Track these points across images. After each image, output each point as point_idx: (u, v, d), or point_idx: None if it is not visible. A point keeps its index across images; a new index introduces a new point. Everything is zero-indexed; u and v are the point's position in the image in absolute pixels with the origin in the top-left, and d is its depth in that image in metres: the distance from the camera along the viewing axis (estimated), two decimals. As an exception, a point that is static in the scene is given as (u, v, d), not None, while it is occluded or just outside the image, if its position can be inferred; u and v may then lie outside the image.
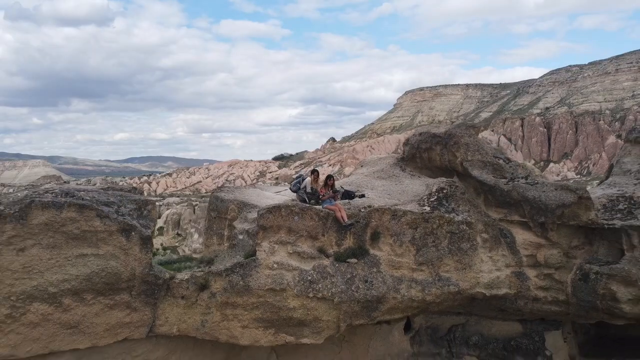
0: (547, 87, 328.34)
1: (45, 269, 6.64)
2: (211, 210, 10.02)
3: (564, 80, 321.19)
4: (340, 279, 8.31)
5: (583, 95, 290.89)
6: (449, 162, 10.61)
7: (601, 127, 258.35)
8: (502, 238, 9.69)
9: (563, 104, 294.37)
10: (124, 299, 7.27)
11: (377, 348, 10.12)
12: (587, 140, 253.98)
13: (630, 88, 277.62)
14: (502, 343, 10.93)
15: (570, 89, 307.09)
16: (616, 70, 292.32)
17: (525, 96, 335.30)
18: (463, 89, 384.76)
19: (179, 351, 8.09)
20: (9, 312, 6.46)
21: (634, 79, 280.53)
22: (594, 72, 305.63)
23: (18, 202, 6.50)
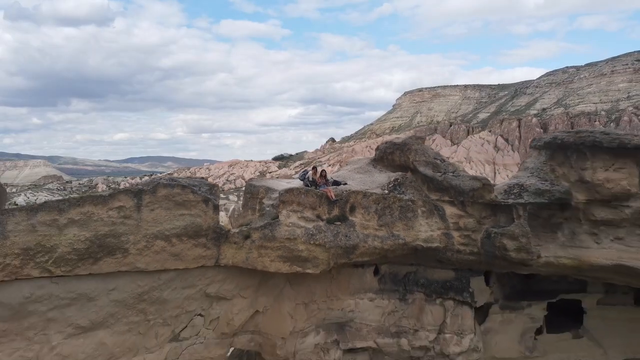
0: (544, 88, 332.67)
1: (163, 221, 11.96)
2: (247, 193, 15.38)
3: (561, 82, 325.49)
4: (330, 234, 13.65)
5: (579, 97, 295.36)
6: (405, 162, 15.96)
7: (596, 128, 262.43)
8: (436, 211, 15.03)
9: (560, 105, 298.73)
10: (202, 241, 12.62)
11: (355, 284, 15.48)
12: None
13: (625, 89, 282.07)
14: (441, 284, 16.31)
15: (567, 90, 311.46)
16: (612, 72, 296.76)
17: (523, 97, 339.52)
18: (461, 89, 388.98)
19: (232, 276, 13.44)
20: (144, 244, 11.79)
21: (629, 81, 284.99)
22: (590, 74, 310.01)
23: (151, 183, 11.84)
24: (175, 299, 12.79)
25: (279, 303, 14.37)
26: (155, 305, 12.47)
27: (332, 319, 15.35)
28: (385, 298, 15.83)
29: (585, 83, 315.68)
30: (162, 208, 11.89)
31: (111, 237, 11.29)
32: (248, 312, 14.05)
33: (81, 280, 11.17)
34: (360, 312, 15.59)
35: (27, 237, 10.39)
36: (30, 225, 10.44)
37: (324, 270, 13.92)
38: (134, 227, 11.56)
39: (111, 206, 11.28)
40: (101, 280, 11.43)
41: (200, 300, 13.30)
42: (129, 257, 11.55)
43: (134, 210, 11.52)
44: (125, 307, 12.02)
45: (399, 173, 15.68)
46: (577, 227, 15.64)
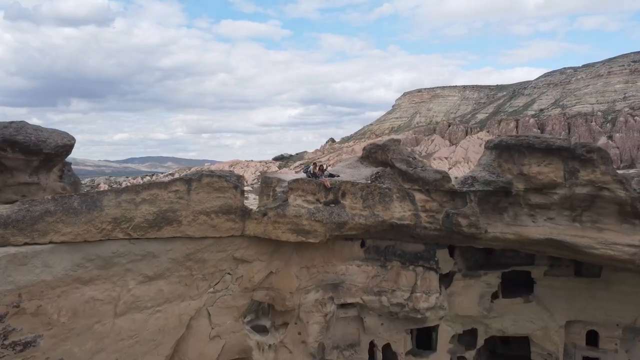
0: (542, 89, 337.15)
1: (205, 201, 16.62)
2: (263, 183, 20.06)
3: (559, 82, 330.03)
4: (326, 213, 18.32)
5: (576, 97, 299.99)
6: (384, 159, 20.64)
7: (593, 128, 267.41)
8: (408, 197, 19.71)
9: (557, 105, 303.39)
10: (232, 217, 17.29)
11: (346, 253, 20.17)
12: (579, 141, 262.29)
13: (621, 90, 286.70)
14: (413, 254, 21.00)
15: (564, 90, 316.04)
16: (608, 73, 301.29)
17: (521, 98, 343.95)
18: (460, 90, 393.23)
19: (253, 244, 18.10)
20: (192, 218, 16.44)
21: (625, 82, 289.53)
22: (587, 75, 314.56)
23: (197, 173, 16.50)
24: (212, 260, 17.47)
25: (288, 266, 19.06)
26: (198, 264, 17.15)
27: (328, 280, 20.05)
28: (370, 265, 20.53)
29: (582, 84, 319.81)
30: (205, 192, 16.57)
31: (170, 212, 15.97)
32: (264, 273, 18.73)
33: (149, 242, 15.83)
34: (350, 276, 20.29)
35: (115, 210, 15.05)
36: (117, 202, 15.10)
37: (322, 241, 18.62)
38: (185, 205, 16.24)
39: (170, 190, 15.97)
40: (162, 243, 16.10)
41: (229, 262, 17.98)
42: (182, 226, 16.23)
43: (185, 193, 16.20)
44: (177, 264, 16.69)
45: (380, 168, 20.38)
46: (519, 210, 20.33)
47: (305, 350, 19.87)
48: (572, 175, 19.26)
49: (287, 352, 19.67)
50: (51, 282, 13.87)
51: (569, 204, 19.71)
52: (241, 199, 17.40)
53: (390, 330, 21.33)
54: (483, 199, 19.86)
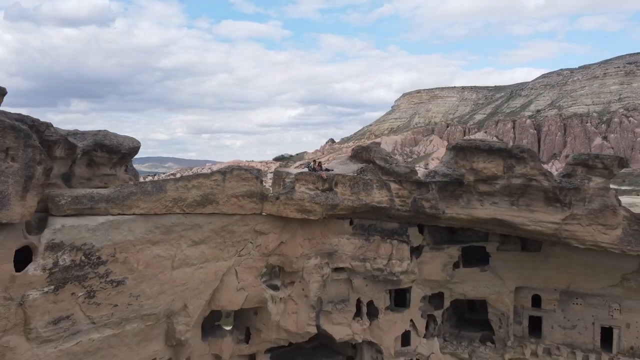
0: (539, 90, 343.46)
1: (236, 188, 23.13)
2: (275, 175, 26.62)
3: (555, 84, 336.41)
4: (323, 197, 24.88)
5: (572, 98, 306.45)
6: (368, 158, 27.19)
7: (588, 129, 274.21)
8: (385, 186, 26.25)
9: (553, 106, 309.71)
10: (254, 199, 23.86)
11: (338, 229, 26.74)
12: (574, 141, 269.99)
13: (617, 91, 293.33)
14: (390, 230, 27.58)
15: (561, 92, 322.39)
16: (604, 74, 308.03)
17: (518, 99, 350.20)
18: (459, 91, 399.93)
19: (269, 220, 24.65)
20: (226, 199, 22.98)
21: (620, 83, 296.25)
22: (584, 76, 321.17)
23: (229, 167, 23.04)
24: (239, 231, 24.01)
25: (294, 237, 25.61)
26: (229, 234, 23.68)
27: (324, 249, 26.60)
28: (357, 238, 27.09)
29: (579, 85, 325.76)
30: (235, 181, 23.13)
31: (211, 195, 22.51)
32: (277, 242, 25.28)
33: (196, 217, 22.35)
34: (341, 246, 26.84)
35: (174, 193, 21.58)
36: (175, 187, 21.63)
37: (320, 218, 25.17)
38: (221, 190, 22.78)
39: (211, 179, 22.52)
40: (205, 217, 22.62)
41: (251, 233, 24.52)
42: (219, 206, 22.76)
43: (221, 181, 22.74)
44: (215, 233, 23.23)
45: (364, 164, 26.95)
46: (470, 196, 26.86)
47: (307, 303, 26.44)
48: (509, 169, 25.82)
49: (293, 304, 26.24)
50: (133, 241, 20.44)
51: (508, 191, 26.25)
52: (260, 186, 23.99)
53: (373, 290, 27.90)
54: (442, 188, 26.40)
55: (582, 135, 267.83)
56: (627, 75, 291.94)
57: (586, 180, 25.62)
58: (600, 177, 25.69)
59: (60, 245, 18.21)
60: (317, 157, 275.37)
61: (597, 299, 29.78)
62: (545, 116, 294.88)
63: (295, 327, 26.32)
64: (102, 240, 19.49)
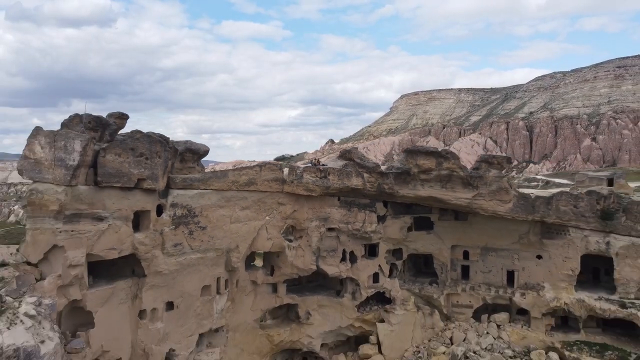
0: (532, 93, 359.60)
1: (267, 176, 38.92)
2: (290, 168, 42.44)
3: (548, 86, 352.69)
4: (320, 182, 40.74)
5: (564, 101, 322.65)
6: (350, 157, 43.00)
7: (578, 130, 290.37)
8: (360, 175, 42.04)
9: (546, 108, 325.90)
10: (278, 183, 39.70)
11: (330, 203, 42.60)
12: (564, 142, 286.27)
13: (606, 94, 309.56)
14: (364, 204, 43.45)
15: (553, 94, 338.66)
16: (594, 78, 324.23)
17: (513, 101, 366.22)
18: (456, 93, 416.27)
19: (287, 196, 40.45)
20: (261, 182, 38.83)
21: (610, 86, 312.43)
22: (575, 79, 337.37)
23: (263, 164, 38.74)
24: (268, 202, 39.79)
25: (302, 207, 41.42)
26: (262, 204, 39.46)
27: (321, 216, 42.38)
28: (342, 209, 42.88)
29: (570, 88, 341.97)
30: (267, 171, 38.96)
31: (252, 179, 38.30)
32: (291, 210, 41.08)
33: (244, 192, 38.06)
34: (332, 214, 42.62)
35: (232, 177, 37.29)
36: (233, 174, 37.36)
37: (319, 195, 40.99)
38: (259, 176, 38.57)
39: (253, 169, 38.33)
40: (249, 193, 38.37)
41: (276, 204, 40.30)
42: (257, 186, 38.53)
43: (259, 171, 38.60)
44: (254, 203, 38.98)
45: (347, 161, 42.73)
46: (415, 182, 42.61)
47: (310, 250, 42.20)
48: (439, 165, 41.56)
49: (301, 250, 41.98)
50: (210, 205, 36.23)
51: (439, 178, 41.97)
52: (281, 174, 39.76)
53: (353, 243, 43.66)
54: (397, 176, 42.14)
55: (572, 136, 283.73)
56: (617, 78, 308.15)
57: (487, 171, 41.38)
58: (496, 169, 41.45)
59: (176, 205, 34.08)
60: (317, 157, 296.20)
61: (504, 252, 45.56)
62: (538, 118, 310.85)
63: (302, 265, 42.09)
64: (195, 204, 35.32)
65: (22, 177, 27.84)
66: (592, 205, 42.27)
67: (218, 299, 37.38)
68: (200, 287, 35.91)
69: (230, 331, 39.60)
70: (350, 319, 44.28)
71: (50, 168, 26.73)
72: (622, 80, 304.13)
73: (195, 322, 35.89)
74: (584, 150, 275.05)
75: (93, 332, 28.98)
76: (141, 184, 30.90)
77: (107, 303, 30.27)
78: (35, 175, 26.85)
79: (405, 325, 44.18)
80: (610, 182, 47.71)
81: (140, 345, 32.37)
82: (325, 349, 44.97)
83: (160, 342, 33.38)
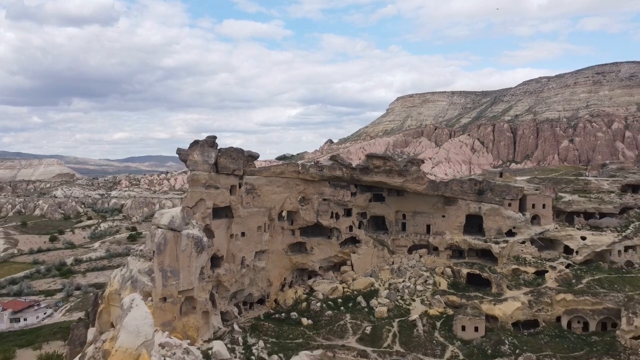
0: (519, 97, 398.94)
1: (291, 168, 76.23)
2: (301, 165, 79.75)
3: (534, 91, 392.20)
4: (319, 172, 78.28)
5: (546, 105, 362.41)
6: (336, 159, 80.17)
7: (557, 133, 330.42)
8: (340, 169, 79.25)
9: (530, 112, 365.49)
10: (296, 172, 77.14)
11: (324, 185, 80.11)
12: (545, 144, 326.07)
13: (585, 99, 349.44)
14: (343, 185, 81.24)
15: (537, 98, 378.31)
16: (575, 83, 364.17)
17: (500, 104, 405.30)
18: (449, 95, 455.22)
19: (301, 181, 77.93)
20: (288, 172, 76.14)
21: (588, 91, 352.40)
22: (557, 84, 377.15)
23: (287, 162, 75.58)
24: (290, 183, 77.04)
25: (308, 187, 78.86)
26: (287, 184, 76.70)
27: (319, 192, 79.87)
28: (331, 188, 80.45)
29: (553, 93, 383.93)
30: (290, 166, 76.31)
31: (282, 171, 75.54)
32: (303, 188, 78.60)
33: (278, 178, 75.16)
34: (325, 191, 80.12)
35: (272, 170, 74.30)
36: (273, 167, 74.35)
37: (318, 180, 78.40)
38: (286, 169, 75.77)
39: (282, 166, 75.43)
40: (280, 178, 75.54)
41: (294, 185, 77.61)
42: (285, 174, 75.81)
43: (286, 167, 75.86)
44: (284, 183, 76.13)
45: (334, 161, 79.92)
46: (373, 174, 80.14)
47: (313, 210, 79.56)
48: (385, 164, 78.97)
49: (308, 211, 79.28)
50: (261, 184, 73.58)
51: (385, 171, 79.37)
52: (298, 168, 77.00)
53: (337, 208, 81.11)
54: (362, 170, 79.43)
55: (551, 138, 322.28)
56: (595, 84, 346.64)
57: (410, 165, 78.56)
58: (416, 166, 78.64)
59: (246, 183, 71.62)
60: (317, 156, 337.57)
61: (425, 214, 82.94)
62: (522, 121, 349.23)
63: (309, 219, 79.36)
64: (255, 183, 72.88)
65: (187, 169, 64.96)
66: (471, 186, 79.61)
67: (264, 234, 74.46)
68: (257, 226, 73.05)
69: (269, 253, 76.75)
70: (335, 252, 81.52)
71: (201, 164, 63.88)
72: (599, 86, 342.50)
73: (254, 244, 72.99)
74: (562, 151, 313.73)
75: (214, 240, 65.97)
76: (233, 172, 68.05)
77: (218, 228, 67.31)
78: (194, 167, 64.02)
79: (367, 255, 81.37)
80: (500, 175, 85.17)
81: (230, 250, 69.44)
82: (322, 269, 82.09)
83: (238, 252, 70.43)
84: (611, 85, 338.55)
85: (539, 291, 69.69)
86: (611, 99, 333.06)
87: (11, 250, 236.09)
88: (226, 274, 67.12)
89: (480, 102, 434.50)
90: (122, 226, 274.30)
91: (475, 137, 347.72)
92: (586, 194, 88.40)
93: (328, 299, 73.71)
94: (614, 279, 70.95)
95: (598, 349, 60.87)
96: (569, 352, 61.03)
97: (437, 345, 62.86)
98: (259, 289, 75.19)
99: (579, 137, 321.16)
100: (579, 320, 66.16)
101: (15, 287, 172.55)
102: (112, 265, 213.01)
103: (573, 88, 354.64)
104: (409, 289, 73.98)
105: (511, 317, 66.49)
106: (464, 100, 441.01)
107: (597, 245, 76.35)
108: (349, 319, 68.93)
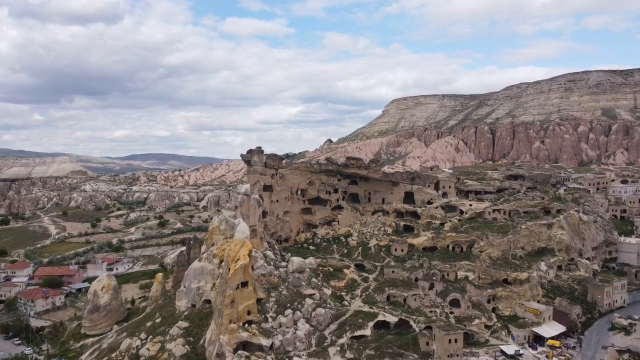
0: (501, 101, 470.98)
1: (303, 165, 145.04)
2: (308, 162, 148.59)
3: (514, 96, 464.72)
4: (318, 167, 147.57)
5: (524, 109, 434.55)
6: (328, 159, 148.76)
7: (530, 135, 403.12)
8: (331, 165, 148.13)
9: (509, 115, 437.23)
10: (307, 166, 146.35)
11: (322, 174, 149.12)
12: (519, 144, 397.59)
13: (557, 104, 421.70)
14: (333, 175, 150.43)
15: (517, 103, 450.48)
16: (549, 89, 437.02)
17: (485, 107, 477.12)
18: (440, 98, 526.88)
19: (309, 172, 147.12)
20: (303, 167, 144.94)
21: (560, 97, 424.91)
22: (534, 90, 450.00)
23: (307, 163, 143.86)
24: (304, 173, 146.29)
25: (313, 175, 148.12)
26: (302, 173, 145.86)
27: (319, 179, 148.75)
28: (326, 176, 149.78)
29: (530, 98, 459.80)
30: (303, 164, 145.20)
31: (299, 166, 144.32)
32: (310, 175, 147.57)
33: (297, 170, 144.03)
34: (322, 178, 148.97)
35: (293, 165, 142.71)
36: (293, 165, 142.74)
37: (318, 171, 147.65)
38: (302, 164, 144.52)
39: (298, 162, 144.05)
40: (298, 170, 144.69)
41: (307, 174, 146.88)
42: (300, 169, 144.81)
43: (305, 163, 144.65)
44: (300, 173, 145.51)
45: (327, 160, 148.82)
46: (350, 167, 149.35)
47: (316, 188, 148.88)
48: (356, 162, 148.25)
49: (313, 189, 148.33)
50: (287, 173, 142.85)
51: (359, 167, 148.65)
52: (307, 164, 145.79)
53: (330, 188, 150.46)
54: (344, 166, 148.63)
55: (525, 139, 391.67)
56: (566, 91, 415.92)
57: (371, 164, 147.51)
58: (375, 164, 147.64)
59: (279, 173, 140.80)
60: (317, 155, 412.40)
61: (382, 191, 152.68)
62: (501, 123, 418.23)
63: (313, 194, 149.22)
64: (283, 172, 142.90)
65: (248, 167, 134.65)
66: (407, 175, 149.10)
67: (288, 201, 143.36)
68: (284, 197, 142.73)
69: (291, 213, 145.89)
70: (328, 213, 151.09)
71: (258, 162, 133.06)
72: (570, 93, 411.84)
73: (283, 207, 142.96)
74: (534, 151, 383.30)
75: (264, 202, 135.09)
76: (273, 166, 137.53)
77: (266, 196, 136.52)
78: (254, 164, 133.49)
79: (347, 216, 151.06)
80: (431, 169, 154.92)
81: (271, 209, 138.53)
82: (320, 224, 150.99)
83: (275, 210, 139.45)
84: (580, 92, 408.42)
85: (438, 231, 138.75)
86: (580, 104, 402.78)
87: (62, 233, 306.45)
88: (269, 221, 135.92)
89: (468, 104, 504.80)
90: (149, 215, 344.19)
91: (459, 138, 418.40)
92: (481, 180, 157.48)
93: (324, 239, 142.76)
94: (480, 225, 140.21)
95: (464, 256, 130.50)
96: (451, 260, 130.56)
97: (380, 258, 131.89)
98: (285, 232, 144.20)
99: (549, 138, 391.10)
100: (457, 246, 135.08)
101: (82, 258, 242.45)
102: (151, 244, 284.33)
103: (547, 94, 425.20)
104: (369, 233, 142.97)
105: (421, 245, 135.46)
106: (454, 103, 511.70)
107: (478, 209, 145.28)
108: (335, 247, 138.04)
